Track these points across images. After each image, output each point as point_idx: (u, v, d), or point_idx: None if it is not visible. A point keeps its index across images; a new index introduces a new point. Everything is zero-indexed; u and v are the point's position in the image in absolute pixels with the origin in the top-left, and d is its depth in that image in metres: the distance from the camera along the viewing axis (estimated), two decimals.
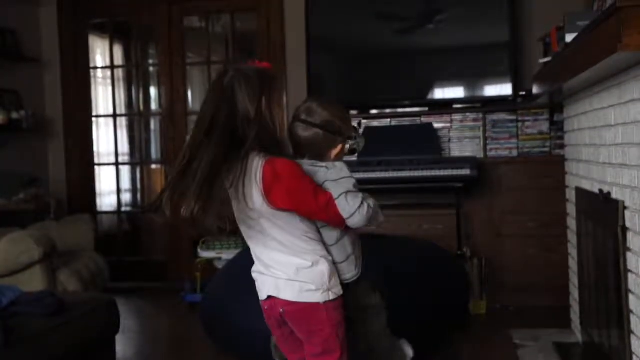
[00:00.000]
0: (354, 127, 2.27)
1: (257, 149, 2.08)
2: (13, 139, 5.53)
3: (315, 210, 2.10)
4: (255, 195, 2.08)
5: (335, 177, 2.12)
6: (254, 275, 2.27)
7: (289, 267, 2.17)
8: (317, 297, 2.18)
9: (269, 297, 2.21)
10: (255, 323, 2.37)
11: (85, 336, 2.91)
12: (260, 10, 5.75)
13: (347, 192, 2.07)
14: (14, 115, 5.37)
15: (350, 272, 2.23)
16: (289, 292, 2.19)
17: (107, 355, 3.13)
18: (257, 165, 2.07)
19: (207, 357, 3.87)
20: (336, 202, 2.06)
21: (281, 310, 2.21)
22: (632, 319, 2.67)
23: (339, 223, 2.12)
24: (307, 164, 2.19)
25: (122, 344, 4.04)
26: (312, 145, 2.21)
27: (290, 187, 2.08)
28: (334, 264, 2.21)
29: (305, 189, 2.09)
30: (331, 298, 2.17)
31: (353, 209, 2.05)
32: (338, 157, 2.24)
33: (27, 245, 3.88)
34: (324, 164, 2.17)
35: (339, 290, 2.20)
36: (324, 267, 2.17)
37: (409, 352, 2.59)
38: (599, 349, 3.29)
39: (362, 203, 2.07)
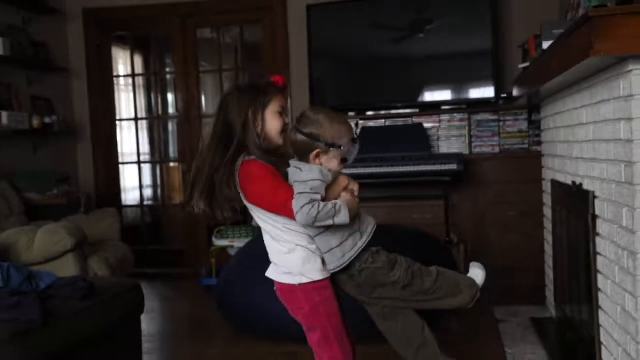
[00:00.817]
0: (352, 138, 2.22)
1: (244, 153, 2.17)
2: (46, 141, 5.54)
3: (273, 206, 2.16)
4: (241, 193, 2.19)
5: (304, 178, 2.11)
6: None
7: (273, 252, 2.27)
8: (292, 280, 2.24)
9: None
10: (264, 303, 2.38)
11: (113, 316, 2.92)
12: (265, 23, 5.76)
13: (301, 193, 2.06)
14: (47, 120, 5.38)
15: (332, 263, 2.22)
16: (273, 273, 2.29)
17: (133, 333, 3.13)
18: (237, 167, 2.16)
19: (222, 334, 3.89)
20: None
21: (275, 288, 2.29)
22: (600, 296, 2.70)
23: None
24: (292, 164, 2.23)
25: (147, 323, 4.06)
26: (297, 148, 2.23)
27: (254, 186, 2.16)
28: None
29: (266, 188, 2.15)
30: (304, 282, 2.21)
31: (297, 208, 2.04)
32: (330, 163, 2.21)
33: (61, 236, 3.89)
34: (301, 166, 2.18)
35: (316, 275, 2.20)
36: (299, 254, 2.21)
37: (477, 278, 2.61)
38: (571, 322, 3.31)
39: (309, 204, 2.03)
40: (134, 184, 6.34)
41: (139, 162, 6.29)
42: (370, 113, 5.24)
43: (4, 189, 4.43)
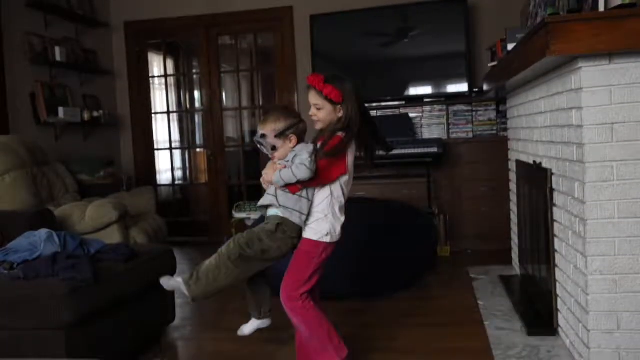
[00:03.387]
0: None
1: None
2: (95, 131, 5.56)
3: None
4: None
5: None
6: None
7: None
8: None
9: None
10: (274, 265, 2.37)
11: (150, 276, 2.92)
12: (276, 31, 5.73)
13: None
14: (95, 114, 5.39)
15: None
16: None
17: (167, 291, 3.15)
18: None
19: (240, 292, 3.91)
20: None
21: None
22: (557, 256, 2.71)
23: None
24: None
25: None
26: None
27: None
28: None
29: None
30: None
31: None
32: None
33: (107, 210, 3.91)
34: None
35: None
36: None
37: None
38: (532, 279, 3.32)
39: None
40: (166, 166, 6.34)
41: (170, 148, 6.29)
42: None
43: (61, 172, 4.45)
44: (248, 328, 2.49)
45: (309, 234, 2.29)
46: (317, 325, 2.33)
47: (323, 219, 2.28)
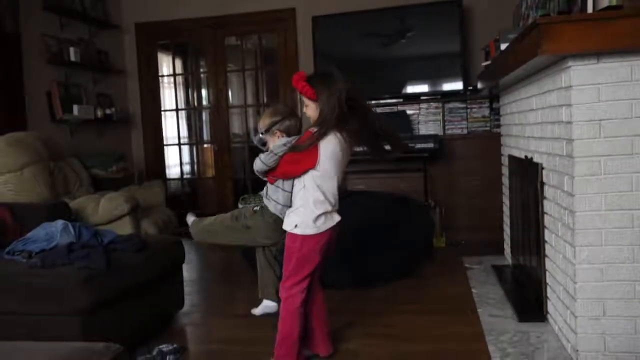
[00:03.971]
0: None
1: None
2: (107, 128, 5.56)
3: None
4: None
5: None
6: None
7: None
8: None
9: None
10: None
11: (161, 265, 2.96)
12: (279, 32, 5.72)
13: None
14: (108, 112, 5.40)
15: None
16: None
17: (176, 279, 3.17)
18: None
19: (246, 279, 3.93)
20: None
21: (337, 230, 2.33)
22: (546, 246, 2.72)
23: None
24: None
25: (187, 270, 4.11)
26: None
27: None
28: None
29: None
30: None
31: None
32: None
33: (119, 202, 3.92)
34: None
35: None
36: None
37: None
38: (523, 268, 3.34)
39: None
40: (175, 161, 6.35)
41: (179, 144, 6.29)
42: None
43: (76, 166, 4.46)
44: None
45: (285, 224, 2.33)
46: (288, 330, 2.32)
47: (295, 211, 2.29)
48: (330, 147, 2.21)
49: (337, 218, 2.31)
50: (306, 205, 2.25)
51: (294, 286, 2.30)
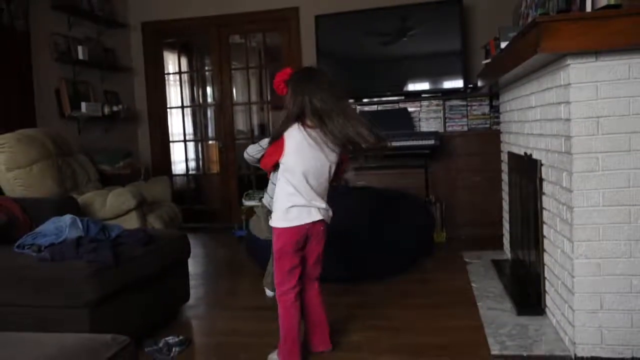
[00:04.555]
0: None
1: None
2: (114, 125, 5.57)
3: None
4: None
5: None
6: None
7: (324, 197, 2.33)
8: (328, 218, 2.34)
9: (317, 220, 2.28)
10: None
11: (167, 259, 2.96)
12: (283, 30, 5.72)
13: None
14: (115, 109, 5.40)
15: None
16: (325, 215, 2.31)
17: (182, 272, 3.17)
18: None
19: (250, 273, 3.94)
20: None
21: (321, 228, 2.30)
22: (545, 241, 2.72)
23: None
24: None
25: (192, 265, 4.11)
26: None
27: None
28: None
29: None
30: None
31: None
32: None
33: (126, 198, 3.93)
34: None
35: None
36: None
37: None
38: (522, 263, 3.34)
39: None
40: (181, 157, 6.35)
41: (184, 141, 6.30)
42: (365, 100, 5.22)
43: (84, 162, 4.47)
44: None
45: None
46: (288, 326, 2.33)
47: (273, 204, 2.35)
48: (294, 142, 2.22)
49: (316, 215, 2.27)
50: (278, 198, 2.29)
51: (284, 282, 2.32)
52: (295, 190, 2.23)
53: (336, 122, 2.18)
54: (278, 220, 2.27)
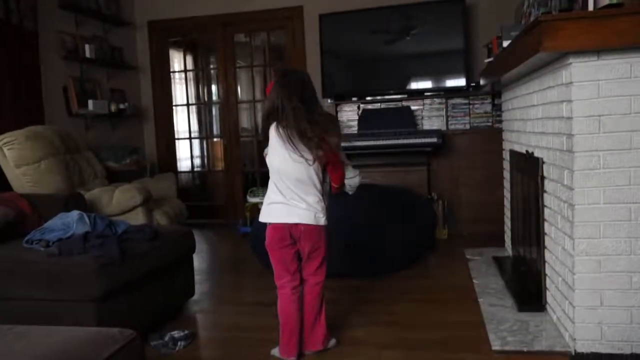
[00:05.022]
0: None
1: None
2: (121, 122, 5.58)
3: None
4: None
5: None
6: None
7: (314, 199, 2.28)
8: (323, 222, 2.29)
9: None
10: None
11: (172, 255, 2.97)
12: (287, 29, 5.71)
13: None
14: (121, 106, 5.41)
15: None
16: (308, 218, 2.26)
17: (187, 268, 3.18)
18: None
19: (254, 269, 3.94)
20: None
21: (302, 229, 2.25)
22: (546, 238, 2.71)
23: None
24: None
25: (197, 260, 4.11)
26: None
27: None
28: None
29: None
30: (325, 223, 2.30)
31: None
32: None
33: (132, 194, 3.94)
34: None
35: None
36: (324, 203, 2.31)
37: None
38: (523, 259, 3.33)
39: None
40: (186, 154, 6.36)
41: (190, 138, 6.31)
42: (369, 98, 5.21)
43: (91, 159, 4.48)
44: None
45: None
46: (284, 320, 2.36)
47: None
48: (271, 141, 2.27)
49: (295, 217, 2.24)
50: (266, 195, 2.34)
51: (278, 276, 2.36)
52: (275, 187, 2.28)
53: (290, 118, 2.20)
54: (261, 216, 2.33)
